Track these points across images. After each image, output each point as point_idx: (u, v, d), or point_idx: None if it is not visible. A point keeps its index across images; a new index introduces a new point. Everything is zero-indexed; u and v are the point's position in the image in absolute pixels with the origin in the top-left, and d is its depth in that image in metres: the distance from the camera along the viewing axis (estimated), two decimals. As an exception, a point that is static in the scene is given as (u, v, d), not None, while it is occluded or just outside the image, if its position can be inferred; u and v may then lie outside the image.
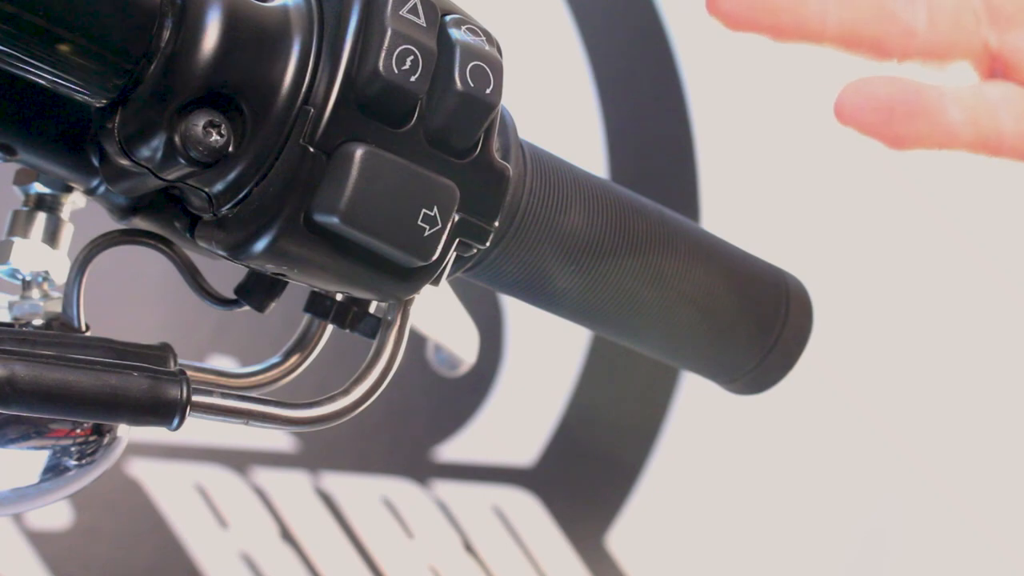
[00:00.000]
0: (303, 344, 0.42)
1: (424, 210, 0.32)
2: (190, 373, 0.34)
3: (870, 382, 1.72)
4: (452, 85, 0.32)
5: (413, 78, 0.31)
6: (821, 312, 0.48)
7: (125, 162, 0.31)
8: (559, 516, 1.52)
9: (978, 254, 1.75)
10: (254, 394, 0.38)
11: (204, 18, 0.30)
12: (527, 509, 1.50)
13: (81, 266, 0.37)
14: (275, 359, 0.41)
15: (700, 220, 1.63)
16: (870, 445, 1.72)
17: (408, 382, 1.40)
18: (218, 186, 0.31)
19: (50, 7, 0.28)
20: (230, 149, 0.31)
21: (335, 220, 0.31)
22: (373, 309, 0.40)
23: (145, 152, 0.30)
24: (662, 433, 1.60)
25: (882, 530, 1.72)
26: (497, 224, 0.36)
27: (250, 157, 0.31)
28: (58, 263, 0.39)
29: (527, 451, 1.52)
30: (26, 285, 0.39)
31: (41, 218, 0.39)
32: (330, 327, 0.41)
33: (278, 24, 0.31)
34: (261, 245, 0.32)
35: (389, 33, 0.31)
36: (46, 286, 0.39)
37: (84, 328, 0.37)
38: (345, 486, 1.39)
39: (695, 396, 1.60)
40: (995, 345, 1.75)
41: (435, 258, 0.34)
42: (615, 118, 1.59)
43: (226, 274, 0.40)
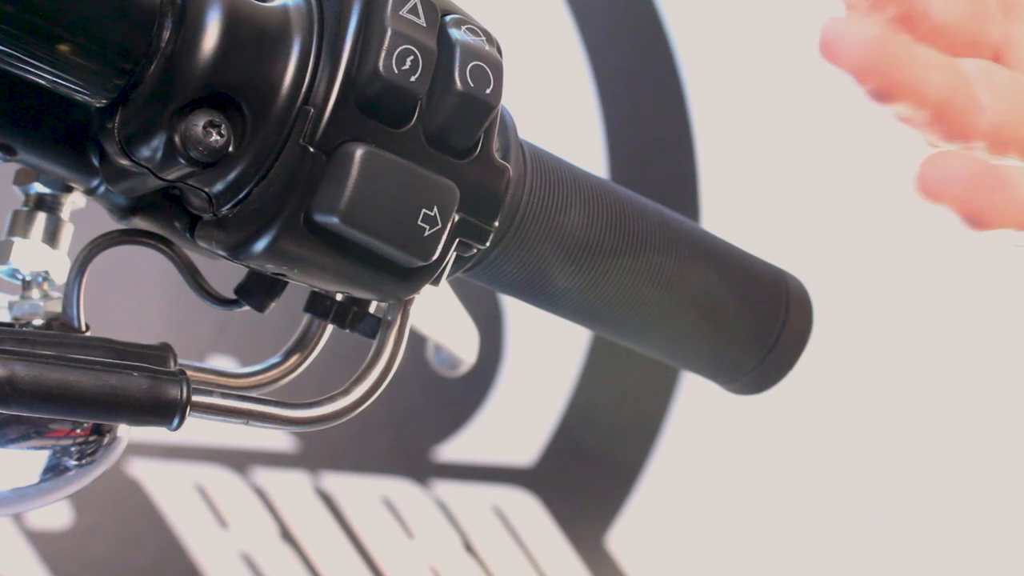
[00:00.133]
0: (303, 344, 0.42)
1: (424, 210, 0.32)
2: (190, 373, 0.34)
3: (870, 382, 1.72)
4: (452, 85, 0.32)
5: (413, 78, 0.31)
6: (821, 312, 0.48)
7: (125, 162, 0.31)
8: (559, 516, 1.52)
9: (978, 254, 1.75)
10: (254, 394, 0.38)
11: (204, 18, 0.30)
12: (527, 509, 1.50)
13: (81, 266, 0.37)
14: (275, 359, 0.41)
15: (700, 220, 1.63)
16: (870, 445, 1.72)
17: (408, 382, 1.40)
18: (218, 186, 0.31)
19: (50, 7, 0.28)
20: (230, 149, 0.31)
21: (335, 220, 0.31)
22: (373, 309, 0.40)
23: (145, 152, 0.30)
24: (662, 433, 1.60)
25: (882, 530, 1.72)
26: (497, 224, 0.36)
27: (250, 157, 0.31)
28: (58, 263, 0.39)
29: (527, 451, 1.52)
30: (26, 285, 0.39)
31: (41, 218, 0.39)
32: (330, 327, 0.41)
33: (278, 24, 0.31)
34: (261, 245, 0.32)
35: (389, 33, 0.31)
36: (46, 286, 0.39)
37: (84, 328, 0.37)
38: (345, 486, 1.39)
39: (695, 396, 1.60)
40: (995, 345, 1.75)
41: (435, 258, 0.34)
42: (615, 118, 1.58)
43: (226, 274, 0.40)
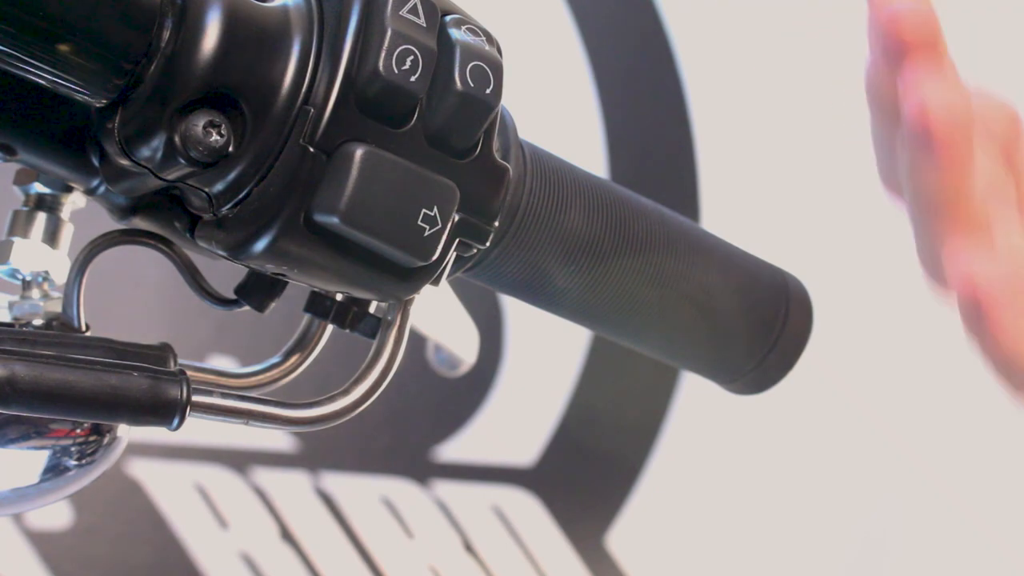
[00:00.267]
0: (303, 344, 0.42)
1: (424, 210, 0.32)
2: (190, 373, 0.34)
3: (870, 382, 1.72)
4: (452, 85, 0.32)
5: (413, 78, 0.31)
6: (821, 312, 0.48)
7: (125, 162, 0.31)
8: (559, 516, 1.52)
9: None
10: (254, 394, 0.38)
11: (204, 18, 0.30)
12: (527, 509, 1.50)
13: (81, 266, 0.37)
14: (275, 359, 0.41)
15: (700, 220, 1.63)
16: (870, 445, 1.72)
17: (408, 382, 1.40)
18: (218, 186, 0.31)
19: (50, 7, 0.28)
20: (230, 149, 0.31)
21: (335, 220, 0.31)
22: (373, 309, 0.40)
23: (145, 152, 0.30)
24: (662, 433, 1.60)
25: (882, 530, 1.72)
26: (497, 224, 0.36)
27: (250, 157, 0.31)
28: (58, 263, 0.39)
29: (527, 451, 1.52)
30: (26, 285, 0.39)
31: (41, 218, 0.39)
32: (330, 327, 0.41)
33: (278, 24, 0.31)
34: (261, 245, 0.32)
35: (389, 33, 0.31)
36: (46, 286, 0.39)
37: (84, 328, 0.37)
38: (345, 486, 1.39)
39: (695, 396, 1.60)
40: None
41: (435, 258, 0.34)
42: (615, 118, 1.58)
43: (226, 274, 0.40)
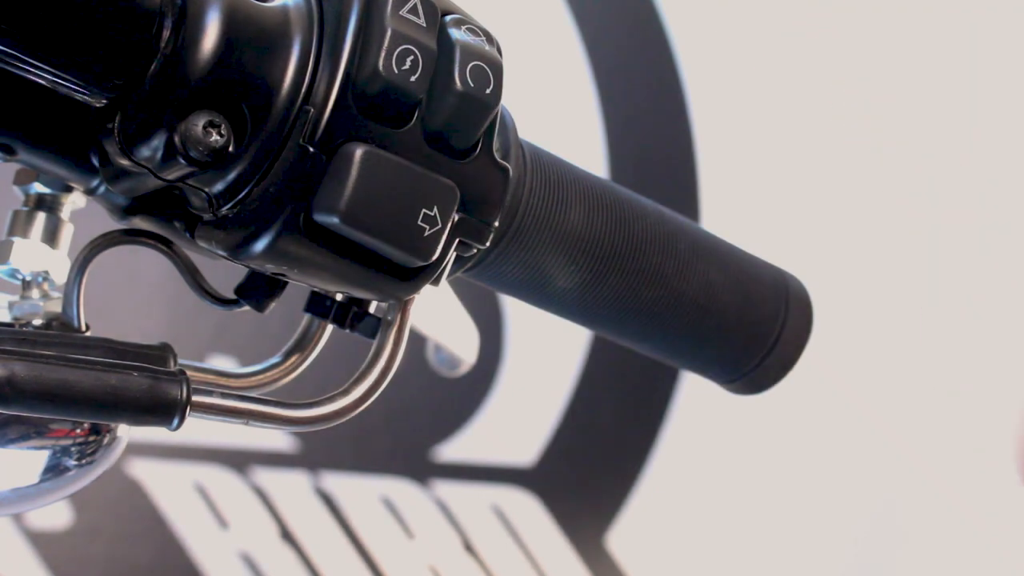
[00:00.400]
0: (303, 344, 0.42)
1: (424, 210, 0.32)
2: (190, 373, 0.34)
3: (870, 382, 1.72)
4: (452, 85, 0.32)
5: (413, 78, 0.31)
6: (821, 312, 0.48)
7: (125, 162, 0.31)
8: (559, 516, 1.52)
9: (978, 254, 1.75)
10: (254, 394, 0.38)
11: (204, 18, 0.30)
12: (527, 509, 1.50)
13: (81, 266, 0.37)
14: (275, 359, 0.41)
15: (700, 220, 1.63)
16: (870, 445, 1.72)
17: (408, 382, 1.40)
18: (218, 186, 0.31)
19: (51, 7, 0.28)
20: (230, 149, 0.31)
21: (335, 220, 0.31)
22: (373, 309, 0.40)
23: (145, 152, 0.30)
24: (662, 433, 1.60)
25: (882, 530, 1.72)
26: (497, 224, 0.36)
27: (250, 157, 0.31)
28: (58, 263, 0.39)
29: (527, 451, 1.52)
30: (26, 285, 0.39)
31: (41, 218, 0.39)
32: (330, 327, 0.41)
33: (278, 24, 0.31)
34: (261, 245, 0.32)
35: (389, 33, 0.31)
36: (46, 286, 0.39)
37: (84, 328, 0.37)
38: (345, 486, 1.39)
39: (695, 396, 1.60)
40: (995, 345, 1.75)
41: (435, 258, 0.34)
42: (615, 118, 1.58)
43: (226, 274, 0.40)
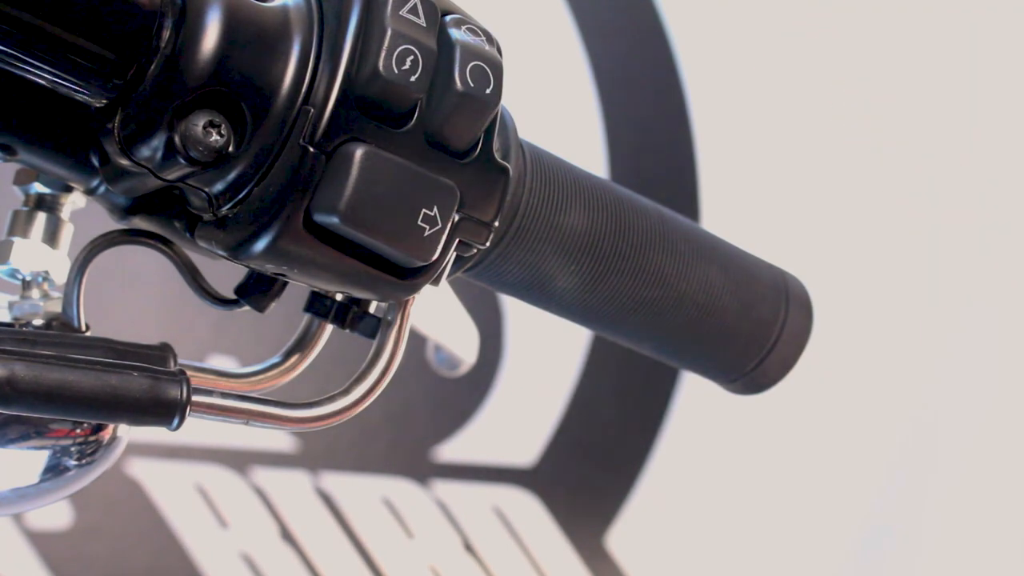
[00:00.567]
0: (303, 344, 0.42)
1: (424, 210, 0.32)
2: (190, 373, 0.34)
3: (870, 382, 1.72)
4: (452, 85, 0.32)
5: (413, 78, 0.31)
6: (821, 312, 0.48)
7: (125, 162, 0.31)
8: (559, 516, 1.52)
9: (978, 254, 1.75)
10: (254, 394, 0.38)
11: (204, 18, 0.30)
12: (527, 509, 1.50)
13: (81, 266, 0.37)
14: (275, 359, 0.41)
15: (700, 220, 1.63)
16: (870, 445, 1.72)
17: (408, 382, 1.40)
18: (218, 186, 0.31)
19: (50, 7, 0.28)
20: (230, 149, 0.31)
21: (335, 220, 0.31)
22: (373, 309, 0.40)
23: (145, 152, 0.30)
24: (662, 433, 1.60)
25: (882, 530, 1.72)
26: (497, 224, 0.36)
27: (250, 157, 0.31)
28: (58, 263, 0.39)
29: (527, 451, 1.52)
30: (26, 285, 0.39)
31: (41, 218, 0.39)
32: (330, 327, 0.41)
33: (278, 24, 0.31)
34: (261, 245, 0.32)
35: (389, 33, 0.31)
36: (46, 286, 0.39)
37: (84, 328, 0.37)
38: (345, 486, 1.39)
39: (695, 396, 1.60)
40: (994, 345, 1.75)
41: (435, 258, 0.34)
42: (615, 118, 1.58)
43: (226, 274, 0.40)
